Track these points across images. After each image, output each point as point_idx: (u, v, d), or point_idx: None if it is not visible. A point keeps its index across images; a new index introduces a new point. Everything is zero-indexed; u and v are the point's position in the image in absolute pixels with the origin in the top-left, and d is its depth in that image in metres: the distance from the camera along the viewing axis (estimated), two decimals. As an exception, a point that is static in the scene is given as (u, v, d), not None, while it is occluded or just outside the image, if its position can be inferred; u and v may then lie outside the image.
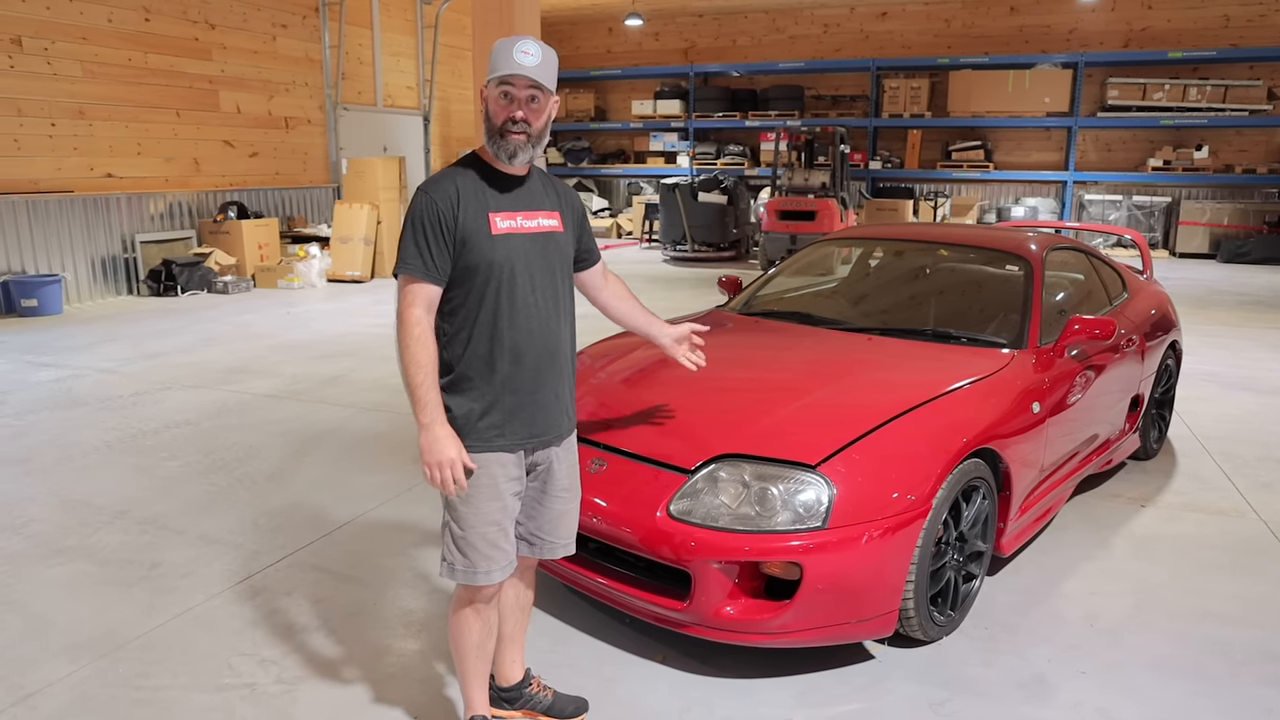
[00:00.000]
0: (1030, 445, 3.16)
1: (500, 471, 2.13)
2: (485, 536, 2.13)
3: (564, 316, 2.22)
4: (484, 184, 2.10)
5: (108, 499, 4.01)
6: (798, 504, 2.49)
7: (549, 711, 2.46)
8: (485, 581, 2.15)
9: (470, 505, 2.12)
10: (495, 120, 2.06)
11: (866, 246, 4.52)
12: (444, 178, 2.09)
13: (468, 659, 2.27)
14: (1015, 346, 3.40)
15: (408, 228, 2.06)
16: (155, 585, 3.20)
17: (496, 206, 2.10)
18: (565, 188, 2.32)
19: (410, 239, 2.05)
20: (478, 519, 2.12)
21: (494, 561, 2.15)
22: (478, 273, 2.07)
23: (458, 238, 2.06)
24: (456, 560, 2.15)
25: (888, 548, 2.53)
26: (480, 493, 2.11)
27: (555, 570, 2.88)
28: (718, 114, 16.45)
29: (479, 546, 2.13)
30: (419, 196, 2.07)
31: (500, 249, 2.08)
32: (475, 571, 2.14)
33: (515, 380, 2.12)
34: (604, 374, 3.40)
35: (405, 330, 2.03)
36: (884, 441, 2.67)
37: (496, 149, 2.08)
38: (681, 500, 2.58)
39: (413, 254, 2.05)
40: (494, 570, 2.15)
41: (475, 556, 2.13)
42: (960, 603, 2.93)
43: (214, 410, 5.43)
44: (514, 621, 2.41)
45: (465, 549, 2.14)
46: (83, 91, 9.30)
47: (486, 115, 2.08)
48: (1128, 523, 3.85)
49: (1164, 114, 14.03)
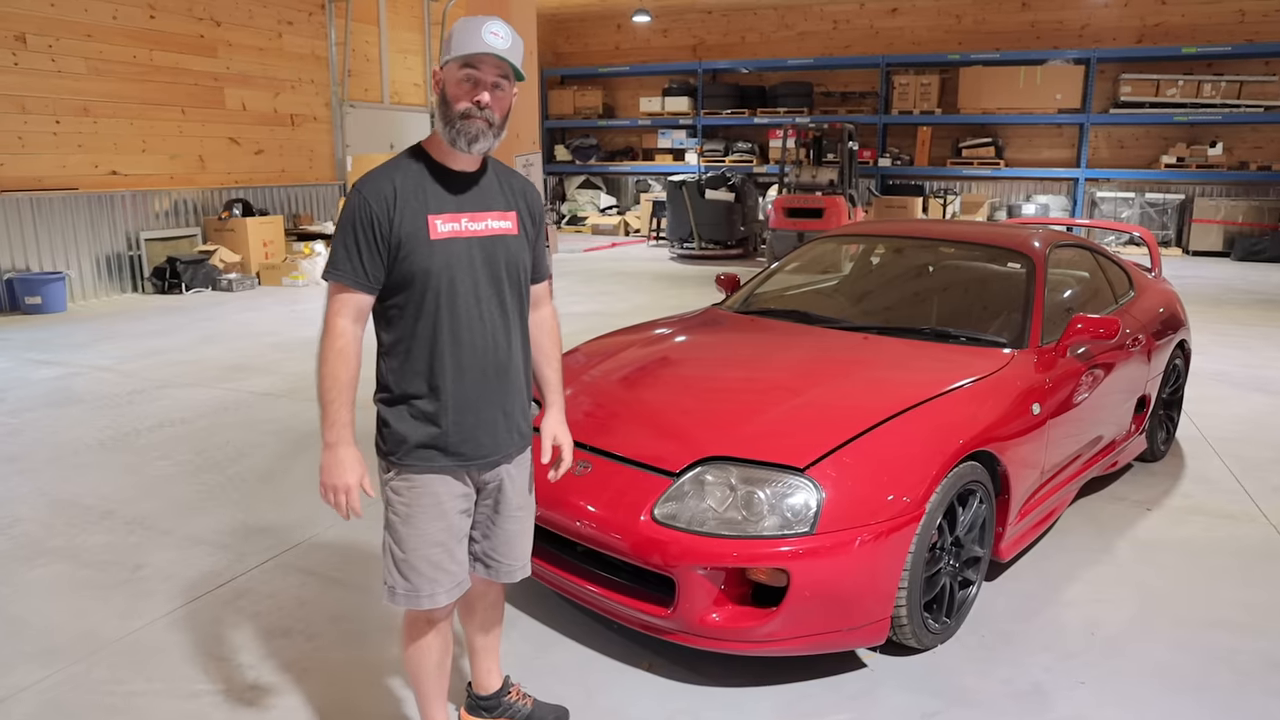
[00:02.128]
0: (1030, 448, 3.07)
1: (444, 490, 1.98)
2: (428, 558, 1.98)
3: (515, 328, 2.05)
4: (427, 181, 1.92)
5: (96, 498, 3.97)
6: (785, 508, 2.41)
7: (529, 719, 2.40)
8: (430, 605, 2.01)
9: (412, 526, 1.97)
10: (456, 104, 1.87)
11: (868, 244, 4.44)
12: (381, 175, 1.91)
13: (428, 680, 2.16)
14: (1016, 346, 3.31)
15: (339, 230, 1.89)
16: (137, 588, 3.16)
17: (438, 207, 1.92)
18: (526, 185, 2.13)
19: (340, 242, 1.88)
20: (420, 540, 1.97)
21: (438, 584, 2.00)
22: (414, 281, 1.90)
23: (392, 242, 1.88)
24: (398, 584, 2.00)
25: (879, 554, 2.45)
26: (423, 513, 1.97)
27: (542, 575, 2.81)
28: (726, 111, 16.34)
29: (421, 569, 1.98)
30: (352, 196, 1.90)
31: (439, 256, 1.90)
32: (419, 595, 2.00)
33: (458, 398, 1.96)
34: (595, 372, 3.33)
35: (328, 341, 1.89)
36: (876, 444, 2.59)
37: (454, 135, 1.89)
38: (666, 504, 2.51)
39: (342, 259, 1.88)
40: (438, 593, 2.00)
41: (418, 580, 1.99)
42: (956, 610, 2.85)
43: (210, 409, 5.39)
44: (488, 634, 2.32)
45: (407, 572, 1.99)
46: (87, 89, 9.30)
47: (444, 99, 1.89)
48: (1133, 527, 3.75)
49: (1178, 110, 13.85)
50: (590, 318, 8.20)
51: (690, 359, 3.38)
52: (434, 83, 1.93)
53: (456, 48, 1.88)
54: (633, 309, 8.75)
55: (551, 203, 17.73)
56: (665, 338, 3.62)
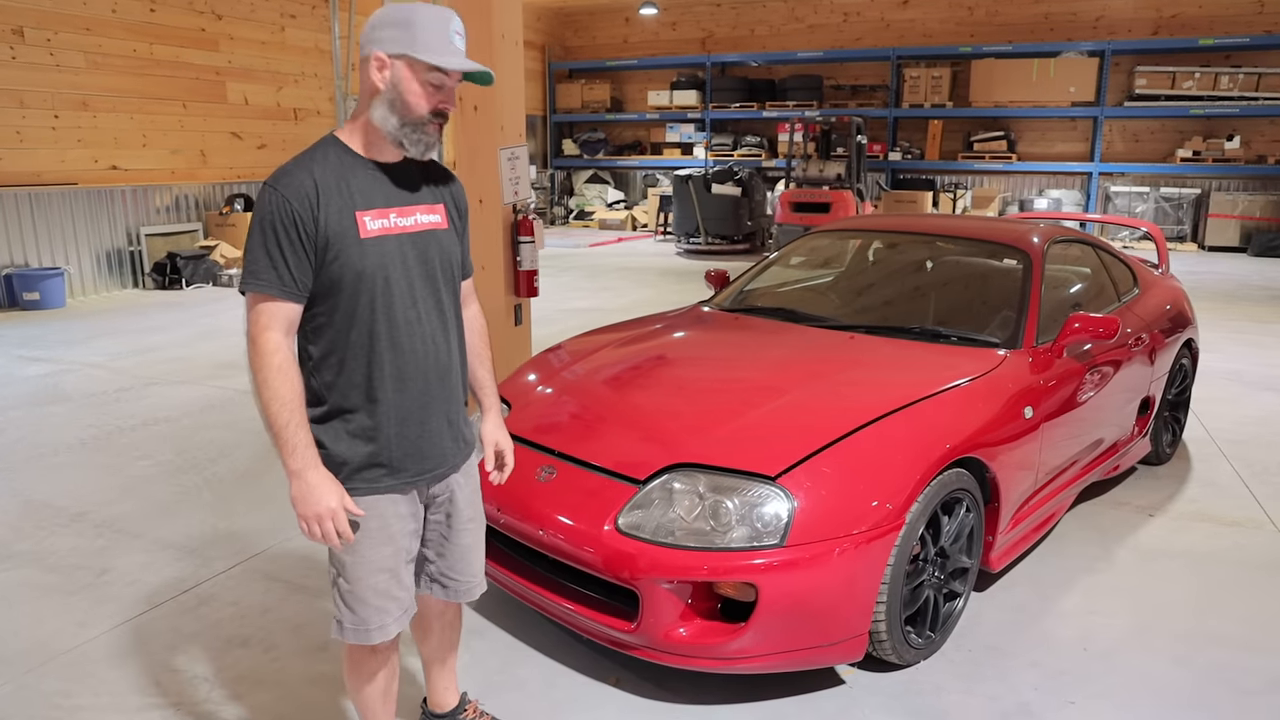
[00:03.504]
0: (1022, 453, 2.94)
1: (391, 511, 1.85)
2: (375, 588, 1.86)
3: (452, 329, 1.93)
4: (349, 174, 1.75)
5: (70, 500, 3.89)
6: (755, 519, 2.30)
7: None
8: (381, 639, 1.89)
9: (357, 554, 1.83)
10: (417, 109, 1.73)
11: (863, 239, 4.30)
12: (298, 169, 1.72)
13: (376, 708, 2.03)
14: (1009, 346, 3.17)
15: (255, 233, 1.69)
16: (99, 594, 3.07)
17: (365, 203, 1.76)
18: (448, 174, 1.98)
19: (260, 247, 1.68)
20: (366, 569, 1.84)
21: (388, 614, 1.88)
22: (344, 285, 1.74)
23: (319, 243, 1.71)
24: (345, 617, 1.88)
25: (855, 566, 2.33)
26: (369, 539, 1.83)
27: (508, 585, 2.71)
28: (735, 105, 16.17)
29: (369, 599, 1.86)
30: (267, 194, 1.68)
31: (371, 255, 1.75)
32: (368, 629, 1.87)
33: (400, 409, 1.83)
34: (570, 373, 3.21)
35: (262, 360, 1.67)
36: (854, 450, 2.47)
37: (409, 139, 1.75)
38: (632, 513, 2.39)
39: (264, 266, 1.68)
40: (389, 624, 1.89)
41: (366, 611, 1.86)
42: (941, 623, 2.73)
43: (196, 407, 5.32)
44: (444, 648, 2.23)
45: (354, 604, 1.86)
46: (86, 83, 9.26)
47: (400, 98, 1.72)
48: (1134, 533, 3.61)
49: (1194, 103, 13.58)
50: (589, 314, 8.09)
51: (669, 359, 3.26)
52: (377, 67, 1.72)
53: (424, 49, 1.71)
54: (632, 305, 8.63)
55: (559, 197, 17.62)
56: (646, 337, 3.50)
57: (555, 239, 14.61)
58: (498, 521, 2.63)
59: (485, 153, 4.40)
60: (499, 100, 4.36)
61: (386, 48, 1.72)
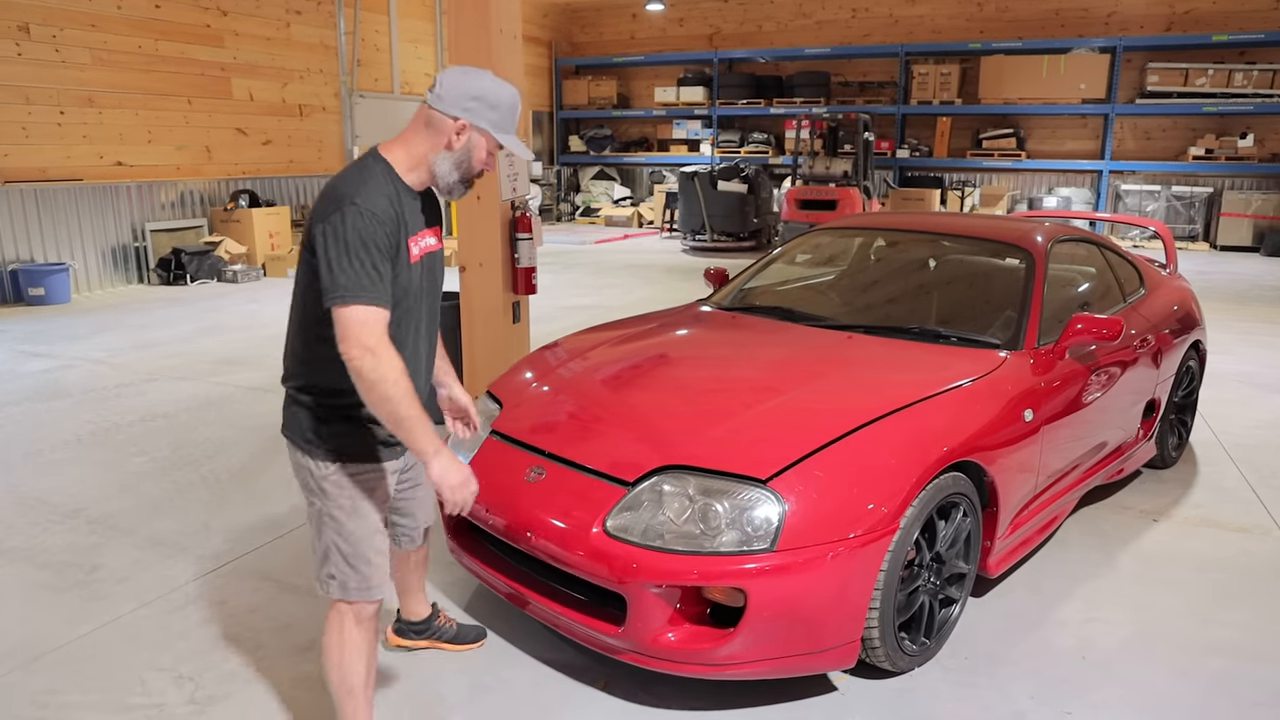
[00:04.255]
0: (1022, 457, 2.89)
1: (393, 481, 2.13)
2: (375, 547, 2.06)
3: (434, 332, 2.23)
4: (403, 201, 1.97)
5: (64, 497, 3.88)
6: (745, 522, 2.25)
7: (454, 640, 2.69)
8: (379, 595, 2.09)
9: (360, 517, 2.03)
10: (473, 167, 2.02)
11: (866, 238, 4.24)
12: (376, 193, 1.89)
13: (359, 692, 2.09)
14: (1010, 347, 3.12)
15: (351, 250, 1.81)
16: (89, 591, 3.06)
17: (413, 229, 2.00)
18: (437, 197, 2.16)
19: (359, 263, 1.81)
20: (367, 529, 2.04)
21: (382, 571, 2.09)
22: (399, 304, 1.97)
23: (393, 263, 1.92)
24: (349, 578, 2.04)
25: (847, 572, 2.29)
26: (367, 501, 2.04)
27: (496, 586, 2.68)
28: (742, 101, 16.10)
29: (371, 558, 2.05)
30: (353, 213, 1.82)
31: (414, 275, 2.01)
32: (370, 586, 2.06)
33: None
34: (562, 372, 3.18)
35: (385, 365, 1.81)
36: (848, 453, 2.42)
37: (458, 189, 2.03)
38: (620, 515, 2.35)
39: (368, 281, 1.82)
40: (384, 582, 2.10)
41: (368, 570, 2.05)
42: (937, 630, 2.68)
43: (195, 403, 5.31)
44: (416, 576, 2.61)
45: (357, 564, 2.04)
46: (92, 79, 9.26)
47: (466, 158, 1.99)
48: (1137, 539, 3.55)
49: (1207, 100, 13.44)
50: (591, 311, 8.05)
51: (664, 359, 3.22)
52: (457, 134, 1.96)
53: (503, 132, 1.99)
54: (637, 302, 8.59)
55: (565, 194, 17.59)
56: (642, 335, 3.46)
57: (561, 235, 14.58)
58: (486, 523, 2.60)
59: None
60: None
61: (474, 119, 1.96)
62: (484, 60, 4.29)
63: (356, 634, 2.07)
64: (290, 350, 2.04)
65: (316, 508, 2.03)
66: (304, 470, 2.03)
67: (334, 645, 2.07)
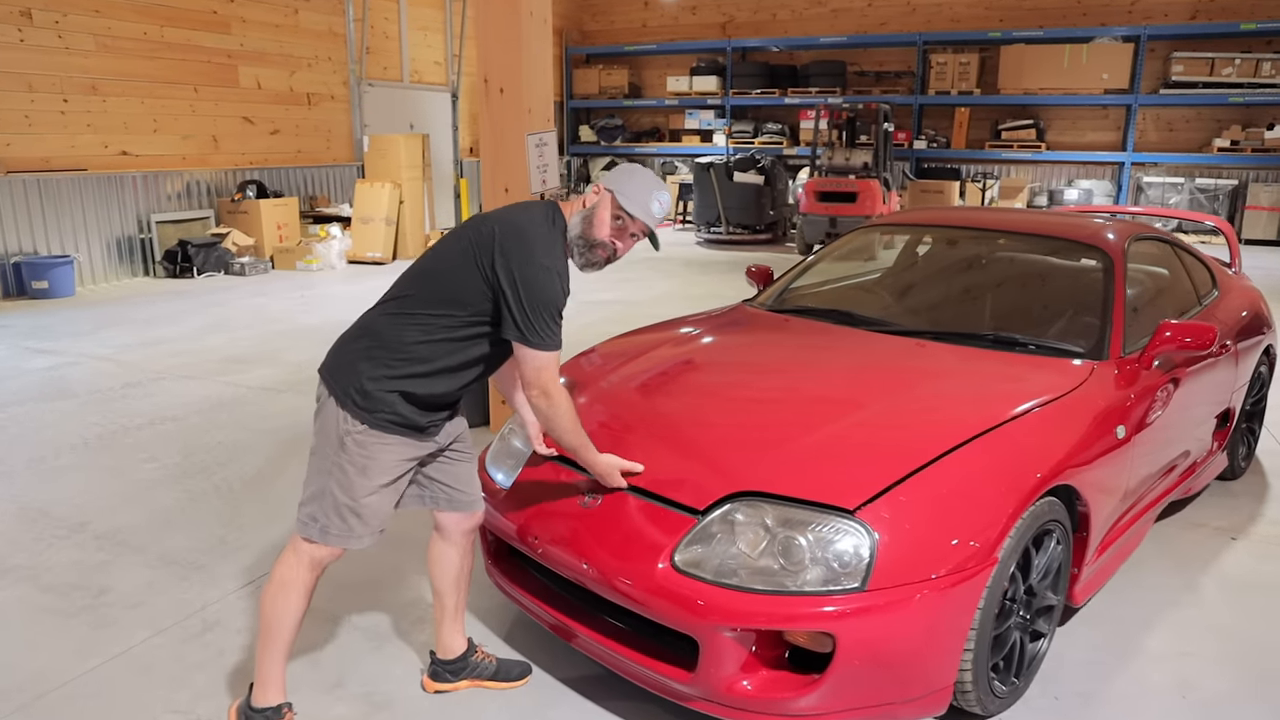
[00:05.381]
0: (1113, 477, 2.65)
1: (408, 451, 2.16)
2: (372, 506, 2.13)
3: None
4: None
5: (69, 508, 3.66)
6: (832, 558, 2.02)
7: (495, 676, 2.50)
8: (357, 545, 2.15)
9: (368, 476, 2.10)
10: (600, 230, 2.17)
11: (917, 234, 3.99)
12: (562, 258, 2.15)
13: (285, 633, 2.17)
14: (1094, 357, 2.87)
15: (546, 306, 2.06)
16: (98, 617, 2.83)
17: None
18: None
19: (550, 318, 2.08)
20: (369, 490, 2.11)
21: (370, 528, 2.15)
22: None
23: None
24: (332, 524, 2.12)
25: (943, 611, 2.05)
26: (379, 466, 2.10)
27: (545, 620, 2.45)
28: (756, 91, 15.80)
29: (364, 515, 2.12)
30: (550, 278, 2.07)
31: None
32: (351, 535, 2.13)
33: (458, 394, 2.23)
34: (609, 380, 2.94)
35: (565, 405, 2.16)
36: (940, 479, 2.18)
37: (579, 252, 2.19)
38: (690, 548, 2.12)
39: (555, 333, 2.09)
40: (367, 536, 2.15)
41: (355, 522, 2.12)
42: (1026, 667, 2.45)
43: (205, 404, 5.08)
44: (456, 595, 2.45)
45: (347, 515, 2.11)
46: (96, 66, 9.01)
47: (589, 221, 2.17)
48: (1217, 560, 3.32)
49: (1233, 90, 13.13)
50: (613, 306, 7.82)
51: (718, 366, 2.99)
52: (593, 194, 2.20)
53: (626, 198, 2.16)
54: (659, 296, 8.35)
55: (576, 184, 17.31)
56: (690, 340, 3.22)
57: (572, 228, 14.30)
58: (535, 552, 2.36)
59: (511, 138, 4.12)
60: (526, 82, 4.08)
61: (607, 183, 2.21)
62: (513, 45, 4.04)
63: (308, 576, 2.16)
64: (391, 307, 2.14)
65: (327, 454, 2.11)
66: (331, 417, 2.10)
67: (283, 580, 2.15)
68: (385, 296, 2.20)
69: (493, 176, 4.22)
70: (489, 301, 2.08)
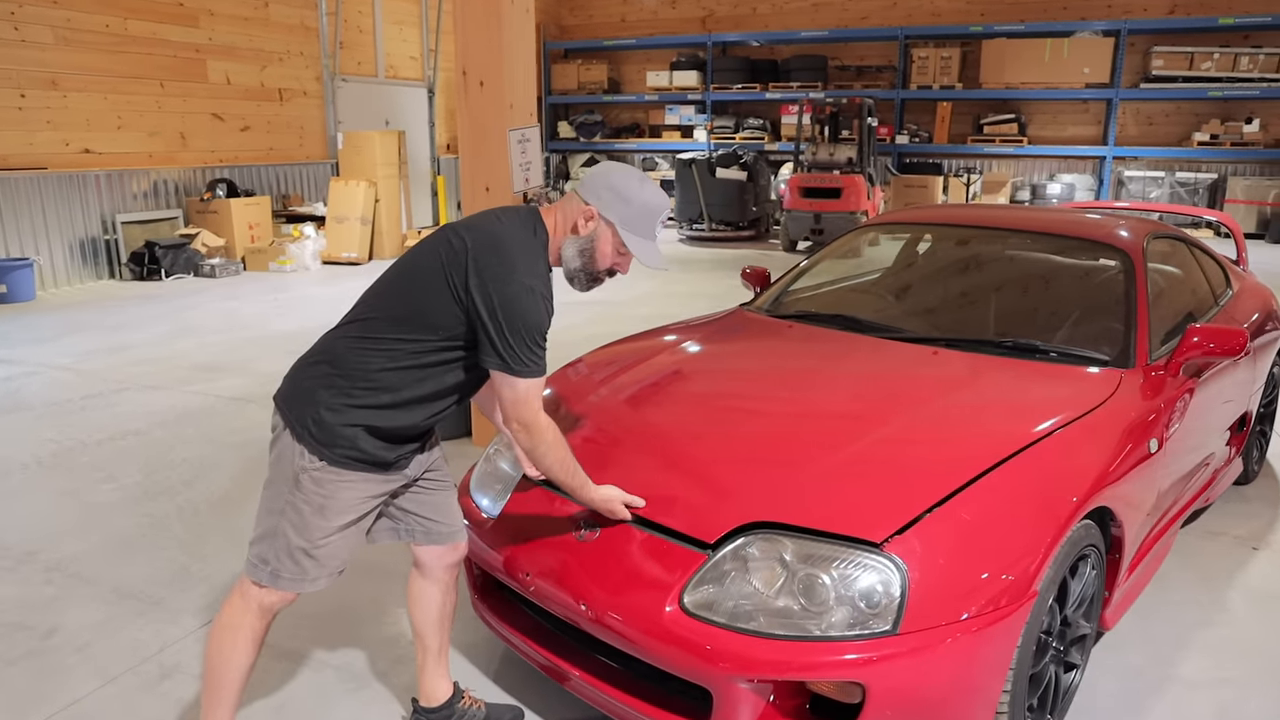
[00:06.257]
0: (1144, 493, 2.48)
1: (369, 490, 1.95)
2: (329, 549, 1.92)
3: None
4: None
5: (17, 535, 3.39)
6: (859, 598, 1.82)
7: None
8: (311, 589, 1.95)
9: (324, 517, 1.89)
10: (597, 262, 1.98)
11: (930, 234, 3.80)
12: (547, 276, 1.93)
13: (232, 685, 1.96)
14: (1120, 364, 2.69)
15: (528, 330, 1.84)
16: (43, 663, 2.58)
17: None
18: None
19: (533, 342, 1.86)
20: (325, 529, 1.90)
21: (325, 570, 1.95)
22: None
23: None
24: (283, 568, 1.91)
25: (980, 653, 1.86)
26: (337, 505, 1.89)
27: (538, 662, 2.23)
28: (736, 86, 15.61)
29: (319, 557, 1.92)
30: (533, 299, 1.85)
31: None
32: (304, 579, 1.93)
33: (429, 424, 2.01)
34: (604, 392, 2.72)
35: (552, 435, 1.95)
36: (973, 505, 1.99)
37: (579, 281, 2.01)
38: (701, 588, 1.91)
39: (539, 357, 1.88)
40: (322, 578, 1.95)
41: (309, 565, 1.92)
42: (1059, 701, 2.27)
43: (170, 416, 4.81)
44: (439, 636, 2.23)
45: (300, 558, 1.91)
46: (55, 60, 8.65)
47: (591, 253, 1.96)
48: (1242, 571, 3.16)
49: (1212, 85, 13.11)
50: (594, 307, 7.59)
51: (719, 377, 2.79)
52: (585, 219, 1.95)
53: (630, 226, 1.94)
54: (640, 297, 8.14)
55: (555, 181, 17.04)
56: (686, 349, 3.01)
57: (552, 226, 14.05)
58: (527, 589, 2.15)
59: (493, 134, 3.89)
60: (508, 75, 3.85)
61: (604, 210, 1.94)
62: (494, 37, 3.81)
63: (257, 623, 1.96)
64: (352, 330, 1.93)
65: (281, 490, 1.91)
66: (287, 450, 1.90)
67: (229, 625, 1.95)
68: (347, 316, 1.98)
69: (472, 174, 3.99)
70: (463, 325, 1.86)
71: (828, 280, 3.89)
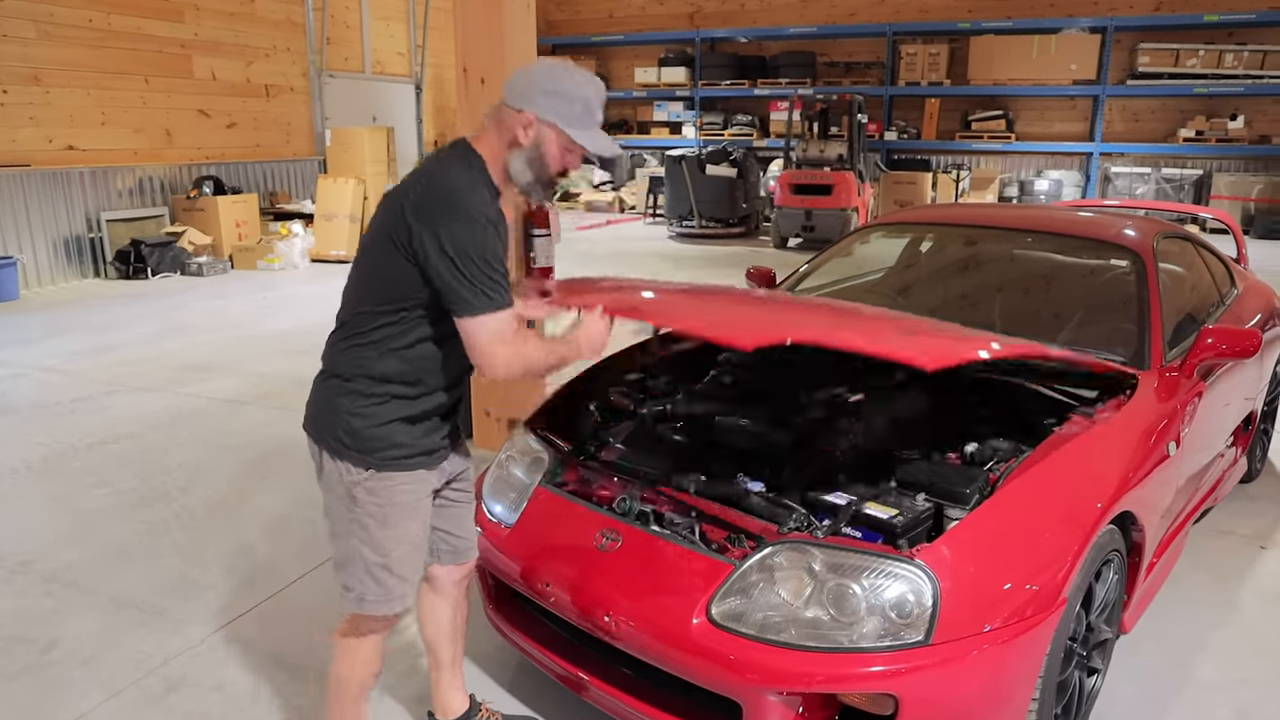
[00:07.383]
0: (1163, 496, 2.47)
1: (424, 487, 1.92)
2: (407, 560, 1.91)
3: None
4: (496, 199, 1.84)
5: (12, 544, 3.31)
6: (890, 608, 1.79)
7: None
8: (401, 608, 1.94)
9: (390, 527, 1.87)
10: (547, 167, 1.84)
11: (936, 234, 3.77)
12: (492, 198, 1.80)
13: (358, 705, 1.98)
14: (1135, 366, 2.68)
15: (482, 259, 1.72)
16: (45, 678, 2.51)
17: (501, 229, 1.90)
18: None
19: (491, 270, 1.73)
20: (397, 539, 1.88)
21: (409, 585, 1.93)
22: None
23: None
24: (368, 591, 1.89)
25: (1011, 662, 1.84)
26: (399, 512, 1.87)
27: (557, 673, 2.19)
28: (725, 82, 15.58)
29: (400, 572, 1.90)
30: (485, 225, 1.73)
31: None
32: (391, 598, 1.91)
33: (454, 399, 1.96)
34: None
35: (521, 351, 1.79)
36: (1001, 512, 1.97)
37: (536, 191, 1.85)
38: (729, 599, 1.88)
39: (502, 285, 1.75)
40: (409, 594, 1.94)
41: (393, 582, 1.89)
42: (1082, 706, 2.25)
43: (163, 419, 4.72)
44: (452, 648, 2.21)
45: (382, 576, 1.88)
46: (37, 55, 8.49)
47: (542, 158, 1.82)
48: (1252, 571, 3.16)
49: (1197, 81, 13.20)
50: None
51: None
52: (524, 129, 1.81)
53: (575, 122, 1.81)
54: (635, 296, 8.08)
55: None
56: (698, 351, 2.98)
57: (542, 222, 13.98)
58: (546, 600, 2.11)
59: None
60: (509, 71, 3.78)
61: (541, 113, 1.80)
62: (495, 33, 3.76)
63: (366, 649, 1.96)
64: (338, 336, 1.88)
65: (342, 514, 1.88)
66: (333, 473, 1.87)
67: (344, 655, 1.97)
68: (334, 328, 1.92)
69: (473, 173, 3.93)
70: (424, 284, 1.75)
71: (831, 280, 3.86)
